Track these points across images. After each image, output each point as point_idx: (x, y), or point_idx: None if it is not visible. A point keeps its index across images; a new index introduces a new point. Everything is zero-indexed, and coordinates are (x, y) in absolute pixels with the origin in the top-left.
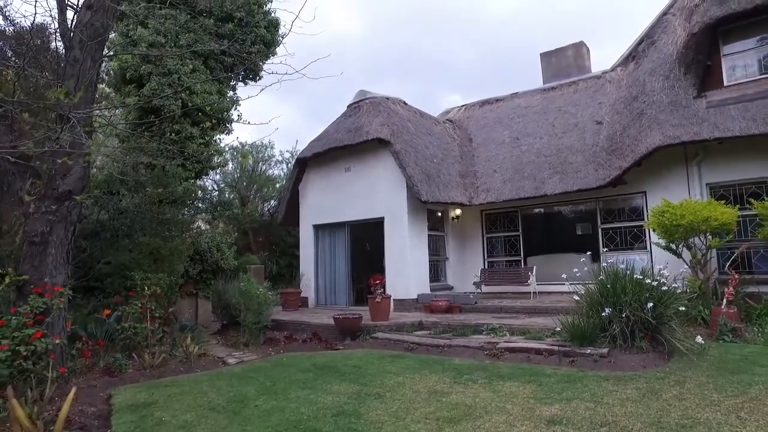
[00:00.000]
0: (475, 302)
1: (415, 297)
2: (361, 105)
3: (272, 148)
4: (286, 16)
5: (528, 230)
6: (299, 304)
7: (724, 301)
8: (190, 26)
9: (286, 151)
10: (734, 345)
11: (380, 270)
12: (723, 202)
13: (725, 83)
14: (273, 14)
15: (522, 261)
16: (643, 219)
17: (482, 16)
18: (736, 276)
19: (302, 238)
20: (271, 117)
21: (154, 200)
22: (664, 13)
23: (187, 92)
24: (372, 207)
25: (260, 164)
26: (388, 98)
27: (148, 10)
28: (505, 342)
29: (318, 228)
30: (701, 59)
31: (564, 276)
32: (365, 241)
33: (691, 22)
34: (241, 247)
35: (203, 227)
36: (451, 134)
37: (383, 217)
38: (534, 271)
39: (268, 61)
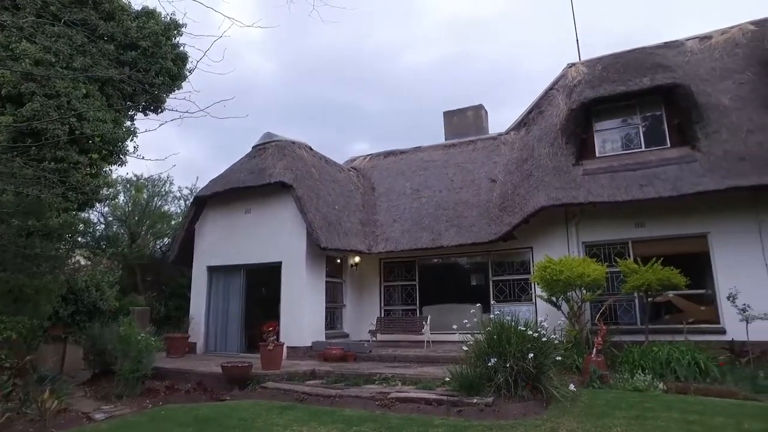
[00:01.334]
0: (370, 351)
1: (310, 344)
2: (267, 147)
3: (171, 183)
4: (195, 53)
5: (425, 280)
6: (186, 350)
7: (594, 350)
8: (87, 49)
9: (185, 187)
10: (601, 391)
11: (275, 316)
12: (595, 259)
13: (597, 155)
14: (181, 48)
15: (417, 310)
16: (529, 273)
17: (394, 69)
18: (604, 327)
19: (195, 279)
20: (173, 150)
21: (20, 232)
22: (551, 88)
23: (77, 118)
24: (270, 251)
25: (155, 199)
26: (294, 142)
27: (36, 26)
28: (396, 392)
29: (212, 270)
30: (579, 132)
31: (455, 327)
32: (261, 286)
33: (571, 99)
34: (126, 286)
35: (83, 263)
36: (354, 182)
37: (281, 262)
38: (428, 320)
39: (173, 94)
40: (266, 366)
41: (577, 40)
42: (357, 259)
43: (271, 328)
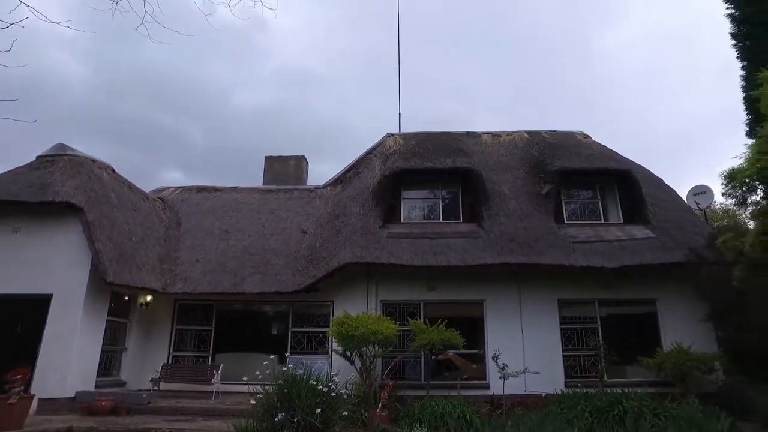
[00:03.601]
0: (148, 402)
1: (73, 395)
2: (57, 160)
3: None
4: None
5: (222, 326)
6: None
7: (380, 405)
8: None
9: None
10: None
11: (31, 359)
12: (390, 317)
13: (402, 220)
14: None
15: (210, 358)
16: (329, 326)
17: (224, 105)
18: (391, 383)
19: None
20: None
21: None
22: (370, 152)
23: None
24: (39, 280)
25: None
26: (94, 160)
27: None
28: None
29: None
30: (388, 197)
31: (245, 378)
32: (18, 322)
33: (386, 166)
34: None
35: None
36: (159, 214)
37: (52, 294)
38: (220, 369)
39: None
40: (4, 425)
41: (400, 114)
42: (149, 297)
43: (19, 376)
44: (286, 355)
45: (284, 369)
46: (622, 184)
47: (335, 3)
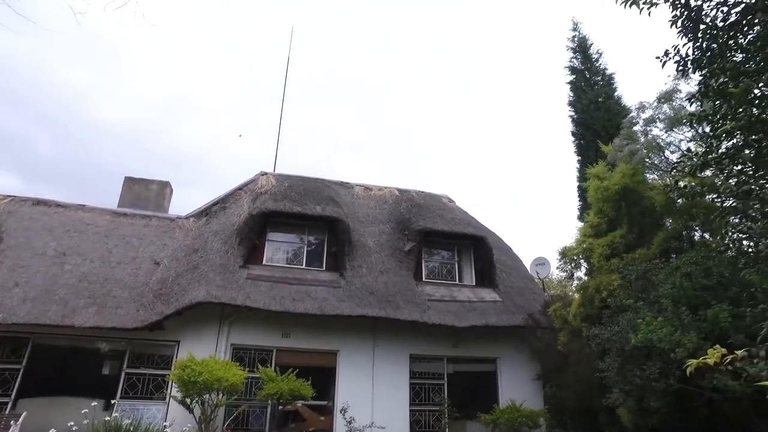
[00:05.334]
0: None
1: None
2: None
3: None
4: None
5: (36, 364)
6: None
7: None
8: None
9: None
10: None
11: None
12: (240, 363)
13: (264, 262)
14: None
15: (11, 404)
16: (170, 368)
17: (84, 114)
18: None
19: None
20: None
21: None
22: (240, 188)
23: None
24: None
25: None
26: None
27: None
28: None
29: None
30: (253, 237)
31: (53, 431)
32: None
33: (254, 204)
34: None
35: None
36: None
37: None
38: (21, 419)
39: None
40: None
41: (276, 154)
42: None
43: None
44: (114, 401)
45: (108, 418)
46: (478, 249)
47: (225, 38)
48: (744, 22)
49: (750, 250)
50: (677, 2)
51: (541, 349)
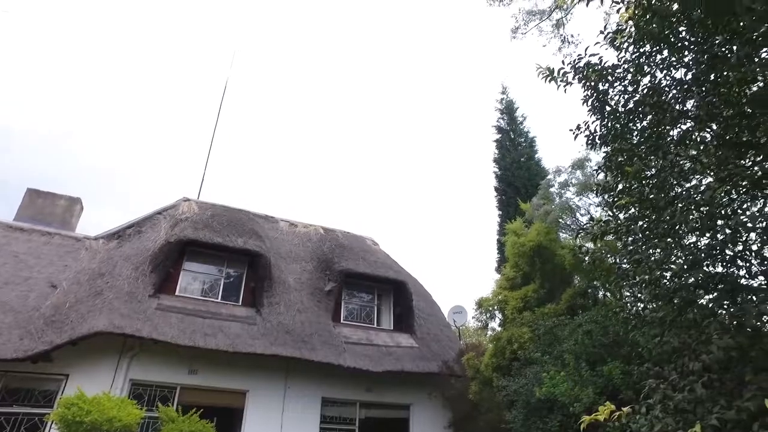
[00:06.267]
0: None
1: None
2: None
3: None
4: None
5: None
6: None
7: None
8: None
9: None
10: None
11: None
12: (138, 401)
13: (177, 292)
14: None
15: None
16: (52, 407)
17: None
18: None
19: None
20: None
21: None
22: (159, 212)
23: None
24: None
25: None
26: None
27: None
28: None
29: None
30: (168, 265)
31: None
32: None
33: (173, 231)
34: None
35: None
36: None
37: None
38: None
39: None
40: None
41: (203, 181)
42: None
43: None
44: None
45: None
46: (398, 294)
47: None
48: (639, 110)
49: (640, 312)
50: (588, 84)
51: (454, 397)
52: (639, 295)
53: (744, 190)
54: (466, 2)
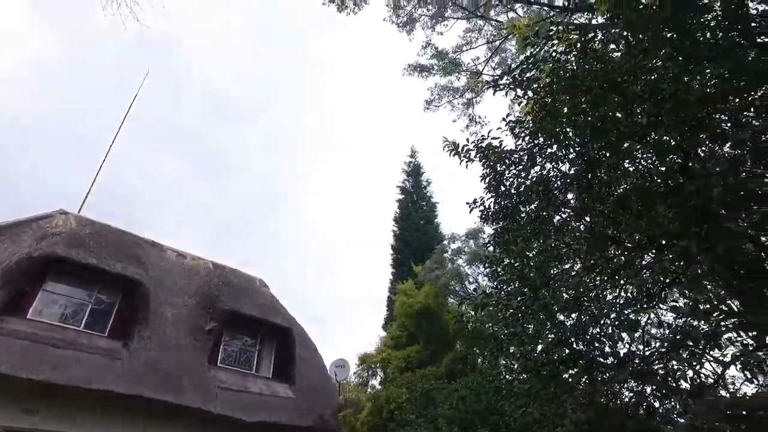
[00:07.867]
0: None
1: None
2: None
3: None
4: None
5: None
6: None
7: None
8: None
9: None
10: None
11: None
12: None
13: (28, 315)
14: None
15: None
16: None
17: None
18: None
19: None
20: None
21: None
22: (27, 222)
23: None
24: None
25: None
26: None
27: None
28: None
29: None
30: (24, 283)
31: None
32: None
33: (39, 245)
34: None
35: None
36: None
37: None
38: None
39: None
40: None
41: (87, 195)
42: None
43: None
44: None
45: None
46: (282, 340)
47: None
48: (529, 194)
49: (510, 382)
50: (487, 163)
51: None
52: (512, 365)
53: (606, 278)
54: (388, 71)
